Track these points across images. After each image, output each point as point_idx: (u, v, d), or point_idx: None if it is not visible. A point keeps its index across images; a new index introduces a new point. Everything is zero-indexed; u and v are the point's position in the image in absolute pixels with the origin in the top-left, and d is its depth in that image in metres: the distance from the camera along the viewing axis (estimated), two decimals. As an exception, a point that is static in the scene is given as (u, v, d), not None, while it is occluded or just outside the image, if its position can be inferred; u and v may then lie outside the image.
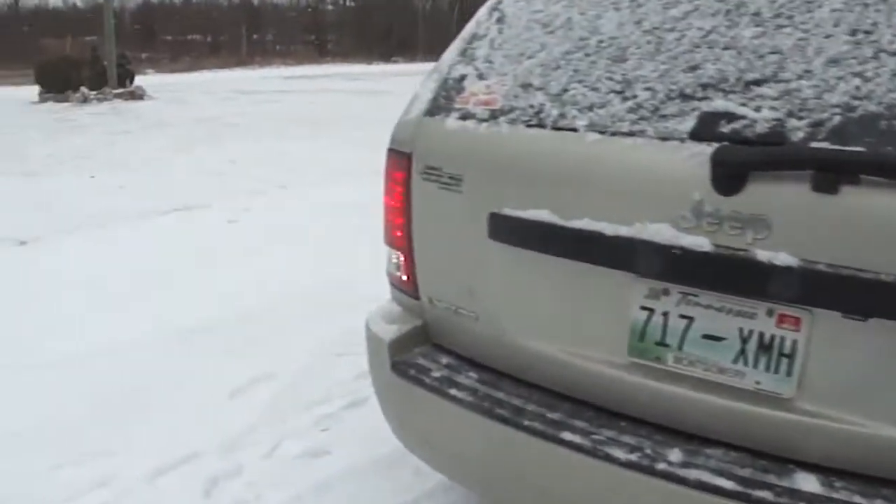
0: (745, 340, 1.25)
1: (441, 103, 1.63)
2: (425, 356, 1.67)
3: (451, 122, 1.57)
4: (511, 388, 1.52)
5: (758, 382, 1.25)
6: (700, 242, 1.22)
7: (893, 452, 1.17)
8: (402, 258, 1.72)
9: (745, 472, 1.22)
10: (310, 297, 3.65)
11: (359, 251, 3.82)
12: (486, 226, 1.50)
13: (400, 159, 1.67)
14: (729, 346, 1.27)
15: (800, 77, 1.22)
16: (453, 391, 1.53)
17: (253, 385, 2.78)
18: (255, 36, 40.05)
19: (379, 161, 1.84)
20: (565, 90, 1.44)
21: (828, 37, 1.23)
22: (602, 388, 1.42)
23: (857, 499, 1.15)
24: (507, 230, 1.47)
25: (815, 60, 1.22)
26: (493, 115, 1.51)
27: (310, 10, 35.89)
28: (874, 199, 1.10)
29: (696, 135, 1.25)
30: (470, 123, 1.54)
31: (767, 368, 1.24)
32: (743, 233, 1.19)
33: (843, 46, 1.21)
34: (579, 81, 1.43)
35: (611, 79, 1.40)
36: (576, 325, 1.45)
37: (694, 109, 1.27)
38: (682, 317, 1.30)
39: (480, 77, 1.60)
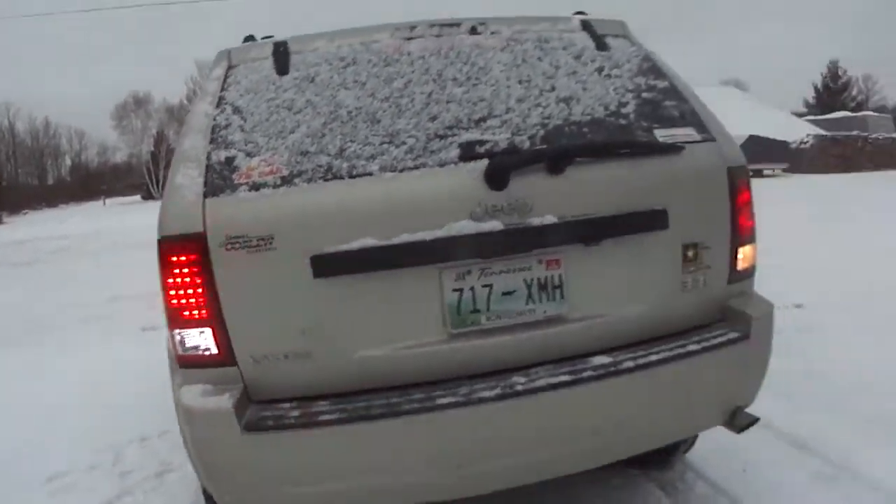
0: (529, 287, 1.80)
1: (219, 184, 1.79)
2: (265, 410, 1.72)
3: (244, 194, 1.77)
4: (362, 399, 1.74)
5: (545, 311, 1.80)
6: (493, 225, 1.74)
7: (628, 325, 1.85)
8: (209, 332, 1.77)
9: (566, 370, 1.75)
10: None
11: None
12: (310, 268, 1.75)
13: (187, 242, 1.74)
14: (520, 294, 1.80)
15: (506, 112, 1.85)
16: (328, 416, 1.68)
17: None
18: None
19: None
20: (343, 149, 1.81)
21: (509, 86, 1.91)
22: (435, 364, 1.80)
23: (628, 362, 1.78)
24: (333, 265, 1.74)
25: (509, 101, 1.87)
26: (286, 180, 1.78)
27: None
28: (580, 171, 1.77)
29: (463, 157, 1.78)
30: (266, 191, 1.77)
31: (548, 300, 1.80)
32: (515, 211, 1.75)
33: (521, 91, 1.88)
34: (352, 141, 1.82)
35: (376, 135, 1.83)
36: (403, 323, 1.80)
37: (451, 143, 1.80)
38: (485, 286, 1.79)
39: (250, 155, 1.83)
